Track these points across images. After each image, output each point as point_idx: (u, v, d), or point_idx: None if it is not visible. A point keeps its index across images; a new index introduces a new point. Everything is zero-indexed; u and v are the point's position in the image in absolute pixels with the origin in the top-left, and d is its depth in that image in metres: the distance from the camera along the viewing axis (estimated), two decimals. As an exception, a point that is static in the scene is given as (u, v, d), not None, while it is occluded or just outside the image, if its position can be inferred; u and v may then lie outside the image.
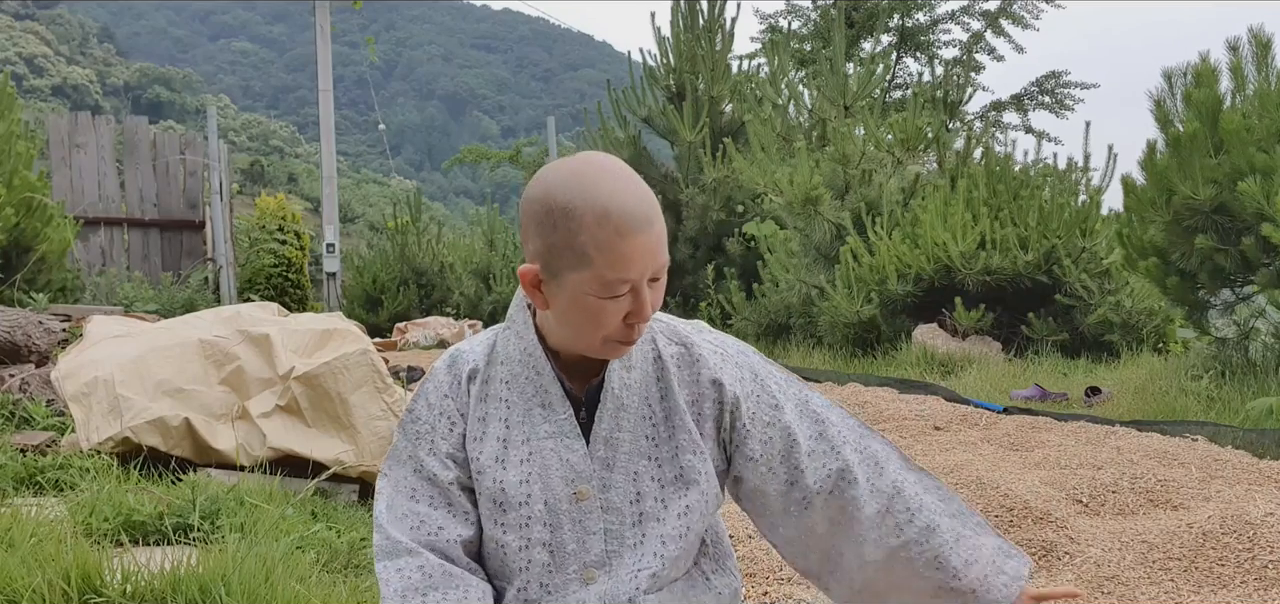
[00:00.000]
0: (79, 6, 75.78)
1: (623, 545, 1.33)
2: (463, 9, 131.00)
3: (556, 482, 1.32)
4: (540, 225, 1.22)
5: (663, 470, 1.34)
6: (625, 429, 1.33)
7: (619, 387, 1.32)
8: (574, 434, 1.32)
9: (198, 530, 2.61)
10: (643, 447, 1.33)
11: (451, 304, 13.72)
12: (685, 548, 1.35)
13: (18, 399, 3.75)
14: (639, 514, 1.33)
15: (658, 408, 1.34)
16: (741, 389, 1.36)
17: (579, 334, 1.27)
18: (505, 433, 1.33)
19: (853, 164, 8.74)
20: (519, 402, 1.33)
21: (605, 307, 1.22)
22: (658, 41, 11.59)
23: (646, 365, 1.35)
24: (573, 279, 1.21)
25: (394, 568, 1.29)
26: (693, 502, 1.34)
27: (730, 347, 1.41)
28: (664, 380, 1.35)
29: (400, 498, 1.33)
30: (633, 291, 1.22)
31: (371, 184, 47.47)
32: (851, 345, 7.88)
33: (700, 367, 1.36)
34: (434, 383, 1.37)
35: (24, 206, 7.28)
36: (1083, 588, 2.38)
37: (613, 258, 1.19)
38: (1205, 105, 4.83)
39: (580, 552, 1.32)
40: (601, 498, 1.32)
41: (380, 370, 3.42)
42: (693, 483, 1.34)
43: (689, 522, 1.34)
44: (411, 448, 1.35)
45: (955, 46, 16.47)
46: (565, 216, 1.19)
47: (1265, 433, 3.97)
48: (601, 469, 1.32)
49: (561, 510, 1.32)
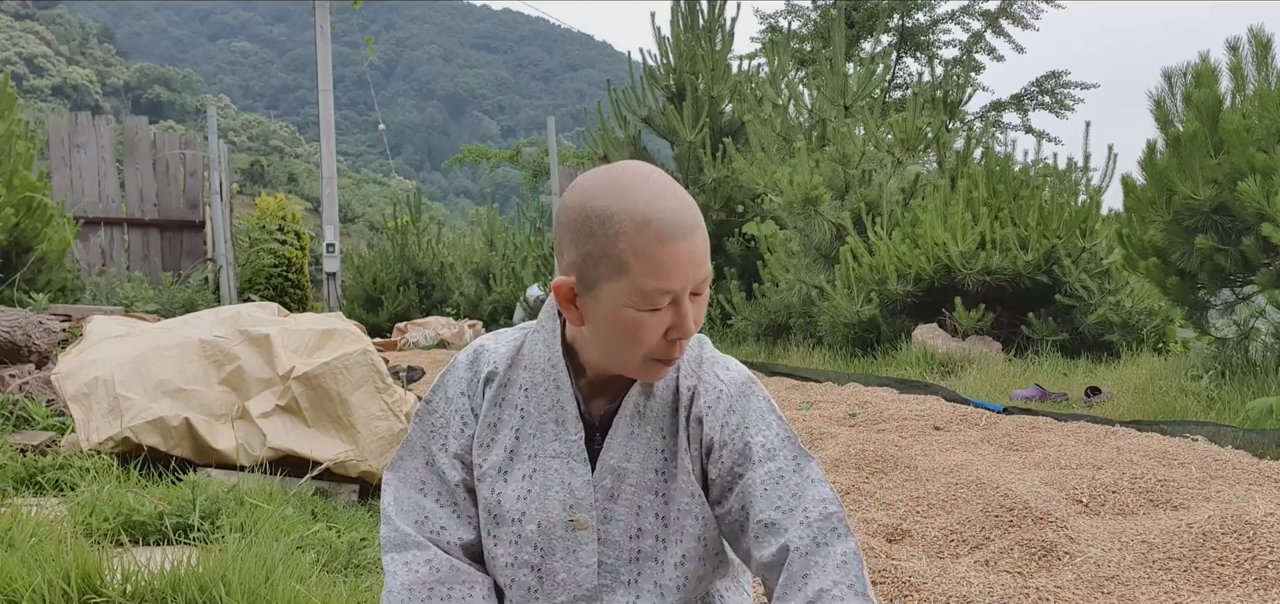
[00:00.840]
0: (79, 6, 75.77)
1: (617, 581, 1.27)
2: (463, 9, 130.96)
3: (554, 505, 1.26)
4: (576, 234, 1.16)
5: (668, 509, 1.27)
6: (634, 460, 1.26)
7: (634, 414, 1.26)
8: (581, 458, 1.26)
9: (198, 530, 2.61)
10: (650, 481, 1.27)
11: (451, 304, 13.72)
12: (685, 598, 1.29)
13: (18, 399, 3.75)
14: (637, 551, 1.27)
15: (669, 443, 1.27)
16: (719, 435, 1.25)
17: (616, 352, 1.20)
18: (513, 443, 1.29)
19: (853, 164, 8.74)
20: (533, 412, 1.28)
21: (644, 320, 1.16)
22: (658, 41, 11.59)
23: (667, 395, 1.28)
24: (610, 290, 1.15)
25: (402, 561, 1.27)
26: (689, 550, 1.27)
27: (732, 387, 1.29)
28: (676, 415, 1.28)
29: (408, 489, 1.31)
30: (674, 304, 1.16)
31: (371, 184, 47.49)
32: (851, 345, 7.88)
33: (695, 403, 1.27)
34: (454, 377, 1.33)
35: (24, 206, 7.27)
36: (1083, 588, 2.38)
37: (653, 266, 1.13)
38: (1205, 105, 4.83)
39: (570, 582, 1.27)
40: (600, 529, 1.26)
41: (380, 370, 3.42)
42: (687, 530, 1.27)
43: (686, 570, 1.27)
44: (425, 440, 1.32)
45: (955, 46, 16.48)
46: (603, 223, 1.13)
47: (1265, 433, 3.97)
48: (604, 499, 1.26)
49: (555, 535, 1.26)
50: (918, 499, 3.16)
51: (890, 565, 2.47)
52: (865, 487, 3.34)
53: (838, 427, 4.55)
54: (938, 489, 3.19)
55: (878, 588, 2.39)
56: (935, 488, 3.21)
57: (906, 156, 8.86)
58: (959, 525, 2.86)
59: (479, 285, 13.55)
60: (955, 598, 2.34)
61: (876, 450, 3.75)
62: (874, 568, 2.47)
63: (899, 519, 3.00)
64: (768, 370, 7.38)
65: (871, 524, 2.93)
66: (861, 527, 2.91)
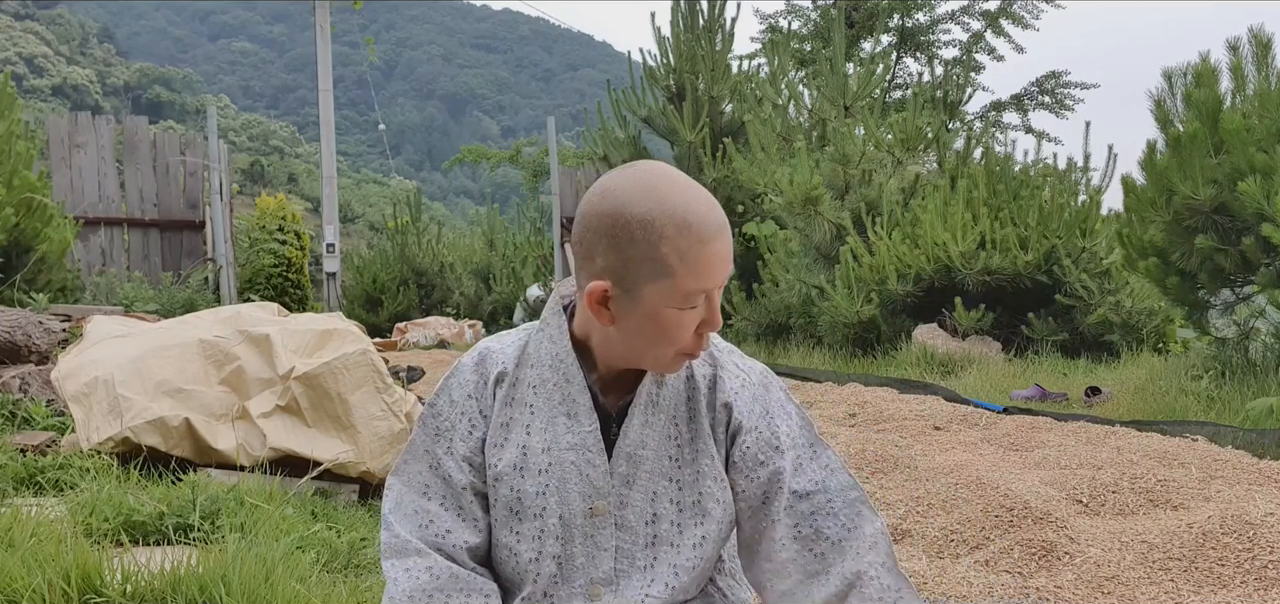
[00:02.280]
0: (79, 6, 75.78)
1: (633, 566, 1.30)
2: (463, 9, 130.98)
3: (573, 495, 1.29)
4: (614, 240, 1.18)
5: (683, 494, 1.31)
6: (650, 447, 1.30)
7: (648, 403, 1.30)
8: (597, 448, 1.29)
9: (198, 530, 2.61)
10: (665, 467, 1.31)
11: (451, 304, 13.72)
12: (697, 576, 1.33)
13: (18, 399, 3.75)
14: (653, 536, 1.31)
15: (685, 429, 1.31)
16: (748, 420, 1.31)
17: (651, 349, 1.24)
18: (526, 440, 1.30)
19: (853, 164, 8.74)
20: (544, 408, 1.30)
21: (682, 318, 1.20)
22: (658, 41, 11.59)
23: (679, 384, 1.32)
24: (650, 291, 1.19)
25: (402, 567, 1.27)
26: (710, 532, 1.31)
27: (754, 375, 1.36)
28: (694, 401, 1.32)
29: (411, 493, 1.31)
30: (707, 300, 1.21)
31: (371, 184, 47.51)
32: (851, 345, 7.88)
33: (718, 389, 1.32)
34: (459, 380, 1.34)
35: (24, 206, 7.27)
36: (1082, 588, 2.38)
37: (694, 267, 1.17)
38: (1205, 105, 4.83)
39: (588, 567, 1.30)
40: (617, 515, 1.30)
41: (380, 370, 3.42)
42: (710, 513, 1.31)
43: (703, 551, 1.31)
44: (429, 443, 1.33)
45: (955, 46, 16.48)
46: (644, 228, 1.16)
47: (1265, 433, 3.97)
48: (620, 486, 1.29)
49: (575, 525, 1.29)
50: (918, 499, 3.16)
51: (890, 565, 2.47)
52: (865, 486, 3.34)
53: (838, 427, 4.55)
54: (938, 489, 3.19)
55: (878, 588, 2.39)
56: (935, 488, 3.21)
57: (906, 156, 8.86)
58: (959, 525, 2.86)
59: (479, 285, 13.56)
60: (955, 598, 2.34)
61: (876, 450, 3.75)
62: (874, 568, 2.47)
63: (899, 519, 3.00)
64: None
65: (871, 524, 2.93)
66: (861, 527, 2.91)
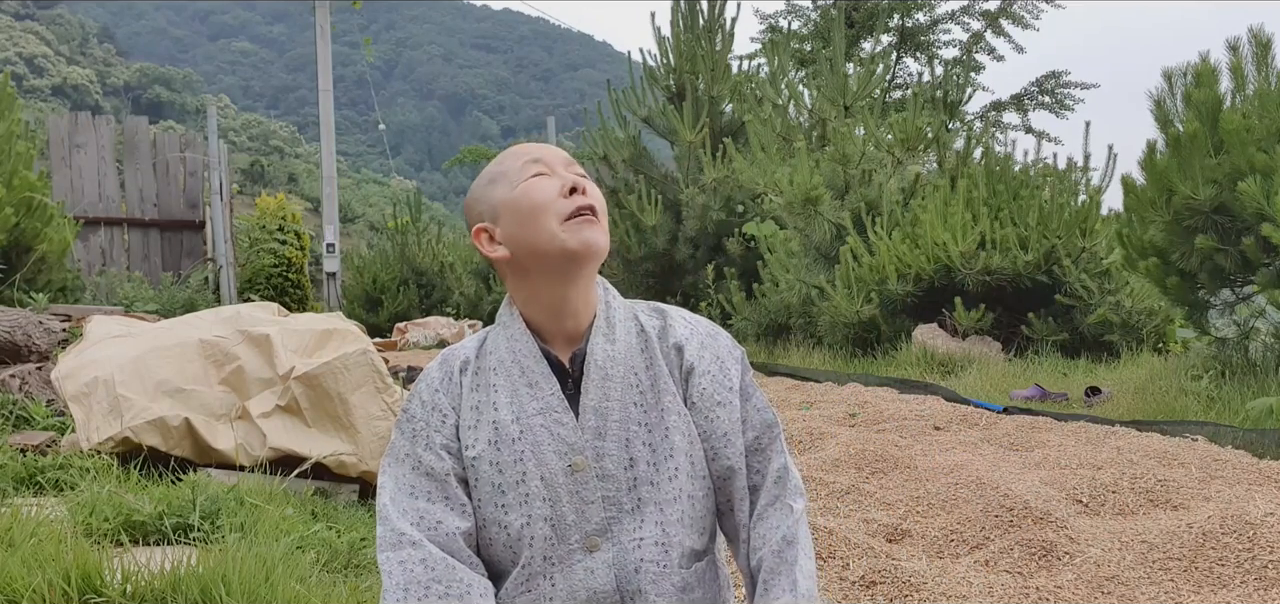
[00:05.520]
0: (79, 6, 75.75)
1: (621, 511, 1.37)
2: (463, 9, 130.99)
3: (550, 456, 1.36)
4: (473, 202, 1.44)
5: (653, 436, 1.39)
6: (614, 398, 1.38)
7: (603, 358, 1.39)
8: (562, 407, 1.38)
9: (198, 530, 2.61)
10: (632, 413, 1.39)
11: (451, 304, 13.72)
12: (688, 513, 1.39)
13: (18, 399, 3.75)
14: (633, 479, 1.38)
15: (644, 376, 1.41)
16: (700, 363, 1.42)
17: (537, 231, 1.36)
18: (496, 416, 1.38)
19: (853, 164, 8.74)
20: (505, 385, 1.39)
21: (537, 184, 1.37)
22: (658, 41, 11.59)
23: (630, 337, 1.43)
24: (506, 198, 1.39)
25: (397, 559, 1.32)
26: (680, 464, 1.39)
27: (701, 326, 1.48)
28: (649, 350, 1.42)
29: (401, 494, 1.37)
30: (549, 169, 1.39)
31: (371, 184, 47.51)
32: (851, 345, 7.88)
33: (667, 335, 1.44)
34: (427, 381, 1.43)
35: (24, 206, 7.27)
36: (1083, 588, 2.38)
37: (523, 162, 1.40)
38: (1205, 105, 4.83)
39: (580, 522, 1.37)
40: (596, 466, 1.37)
41: (380, 370, 3.42)
42: (676, 446, 1.39)
43: (679, 484, 1.38)
44: (409, 446, 1.40)
45: (955, 46, 16.49)
46: (489, 177, 1.43)
47: (1265, 433, 3.97)
48: (593, 439, 1.37)
49: (558, 484, 1.36)
50: (918, 499, 3.16)
51: (890, 565, 2.47)
52: (865, 487, 3.34)
53: (838, 426, 4.55)
54: (938, 489, 3.19)
55: (878, 588, 2.40)
56: (935, 488, 3.21)
57: (906, 156, 8.86)
58: (959, 525, 2.86)
59: (479, 285, 13.55)
60: (955, 598, 2.34)
61: (876, 450, 3.75)
62: (874, 568, 2.47)
63: (899, 519, 3.00)
64: (768, 370, 7.38)
65: (871, 524, 2.93)
66: (862, 526, 2.91)
